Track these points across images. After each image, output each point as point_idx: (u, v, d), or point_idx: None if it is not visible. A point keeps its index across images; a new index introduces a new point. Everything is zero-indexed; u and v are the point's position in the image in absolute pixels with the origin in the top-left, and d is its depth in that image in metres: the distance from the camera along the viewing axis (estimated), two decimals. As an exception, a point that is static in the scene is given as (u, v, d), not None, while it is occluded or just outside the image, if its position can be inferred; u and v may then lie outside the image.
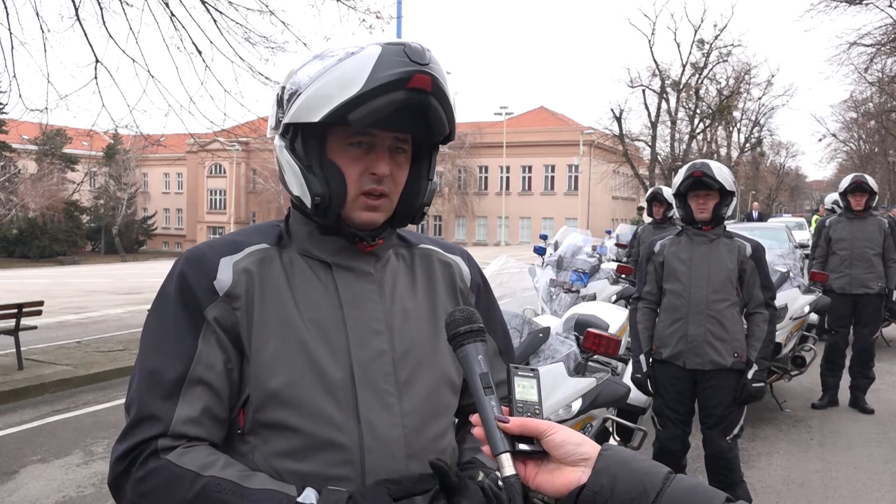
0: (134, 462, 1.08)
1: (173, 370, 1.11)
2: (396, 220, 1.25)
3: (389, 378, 1.18)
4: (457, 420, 1.47)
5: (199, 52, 8.87)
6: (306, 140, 1.16)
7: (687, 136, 40.35)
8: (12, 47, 8.20)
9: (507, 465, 0.89)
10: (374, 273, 1.24)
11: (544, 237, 10.87)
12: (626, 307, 5.26)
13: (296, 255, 1.22)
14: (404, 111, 1.12)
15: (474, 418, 0.95)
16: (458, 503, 1.09)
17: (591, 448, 0.92)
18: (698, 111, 40.14)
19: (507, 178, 50.96)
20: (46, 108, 8.60)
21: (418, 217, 1.27)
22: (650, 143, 38.84)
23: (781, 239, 11.66)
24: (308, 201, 1.17)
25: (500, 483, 1.17)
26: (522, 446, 0.92)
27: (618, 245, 9.80)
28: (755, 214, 22.62)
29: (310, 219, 1.22)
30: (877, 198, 6.26)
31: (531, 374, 0.99)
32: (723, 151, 46.93)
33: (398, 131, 1.17)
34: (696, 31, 38.17)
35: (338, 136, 1.17)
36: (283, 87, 1.19)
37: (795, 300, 5.93)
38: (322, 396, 1.13)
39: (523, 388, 0.97)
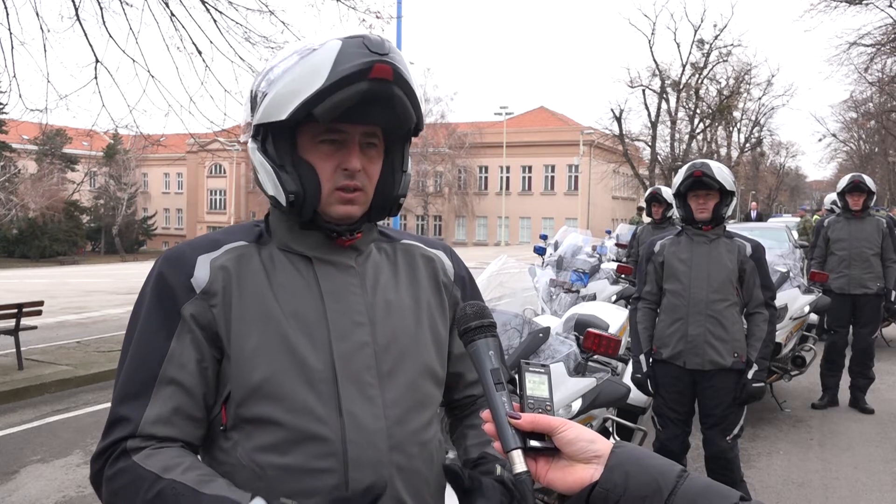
0: (106, 462, 1.11)
1: (145, 370, 1.14)
2: (374, 213, 1.26)
3: (371, 370, 1.18)
4: (448, 416, 1.46)
5: (199, 52, 8.86)
6: (277, 140, 1.18)
7: (687, 136, 40.33)
8: (12, 47, 8.18)
9: (519, 462, 0.89)
10: (356, 266, 1.25)
11: (544, 237, 10.86)
12: (626, 307, 5.26)
13: (276, 251, 1.23)
14: (369, 103, 1.13)
15: (485, 414, 0.95)
16: (475, 501, 1.09)
17: (604, 445, 0.91)
18: (698, 111, 40.12)
19: (507, 178, 50.93)
20: (46, 108, 8.57)
21: (395, 209, 1.28)
22: (650, 143, 38.82)
23: (781, 239, 11.64)
24: (283, 200, 1.18)
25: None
26: (534, 443, 0.91)
27: (618, 245, 9.79)
28: (753, 214, 22.61)
29: (288, 216, 1.23)
30: (875, 198, 6.26)
31: (542, 371, 0.98)
32: (723, 151, 46.91)
33: (365, 124, 1.18)
34: (696, 31, 38.16)
35: (308, 135, 1.18)
36: (252, 91, 1.20)
37: (795, 300, 5.93)
38: (304, 389, 1.14)
39: (534, 385, 0.97)
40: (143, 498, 1.05)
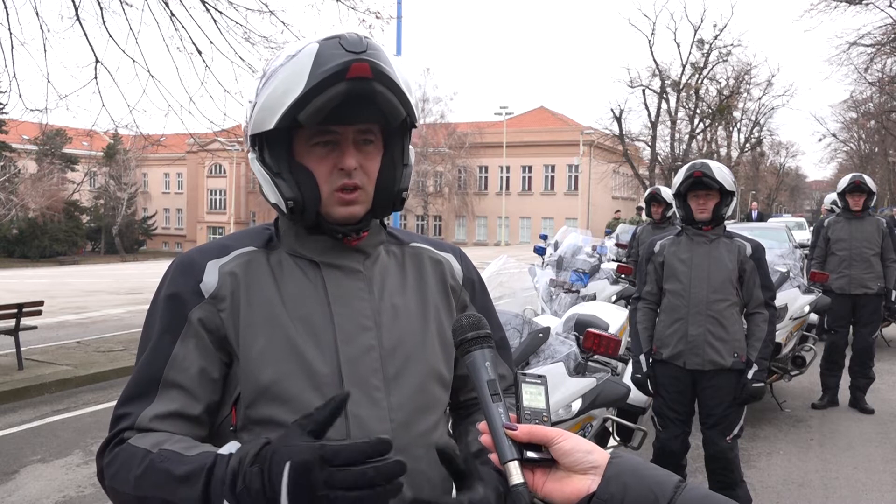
0: (104, 453, 1.14)
1: (151, 372, 1.16)
2: (377, 210, 1.26)
3: (377, 373, 1.19)
4: (452, 415, 1.47)
5: (199, 52, 8.87)
6: (272, 148, 1.19)
7: (687, 136, 40.32)
8: (12, 47, 8.20)
9: (515, 473, 0.88)
10: (363, 270, 1.25)
11: (544, 237, 10.87)
12: (626, 307, 5.26)
13: (285, 256, 1.24)
14: (355, 102, 1.13)
15: (482, 426, 0.95)
16: (473, 486, 1.08)
17: (601, 456, 0.91)
18: (698, 111, 40.13)
19: (507, 178, 50.94)
20: (46, 108, 8.59)
21: (399, 203, 1.27)
22: (650, 143, 38.82)
23: (781, 239, 11.64)
24: (283, 206, 1.19)
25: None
26: (530, 454, 0.91)
27: (618, 245, 9.80)
28: (754, 214, 22.60)
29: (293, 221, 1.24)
30: (875, 198, 6.26)
31: (539, 382, 0.98)
32: (723, 151, 46.90)
33: (356, 123, 1.18)
34: (696, 31, 38.17)
35: (301, 139, 1.19)
36: (250, 101, 1.22)
37: (795, 300, 5.93)
38: (310, 392, 1.15)
39: (531, 396, 0.96)
40: (135, 472, 1.06)
